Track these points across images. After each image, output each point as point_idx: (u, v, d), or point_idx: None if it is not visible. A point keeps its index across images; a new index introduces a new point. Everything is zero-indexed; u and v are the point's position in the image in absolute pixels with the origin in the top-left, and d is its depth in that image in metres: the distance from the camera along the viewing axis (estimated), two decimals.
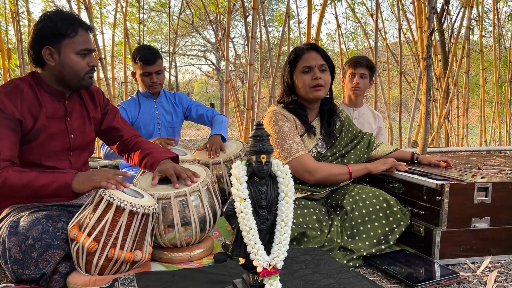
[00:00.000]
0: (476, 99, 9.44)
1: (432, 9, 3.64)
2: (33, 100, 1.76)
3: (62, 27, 1.72)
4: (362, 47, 10.41)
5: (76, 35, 1.75)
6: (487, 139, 7.25)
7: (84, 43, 1.77)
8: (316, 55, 2.17)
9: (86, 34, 1.79)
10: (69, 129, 1.86)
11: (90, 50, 1.80)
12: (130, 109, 2.84)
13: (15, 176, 1.59)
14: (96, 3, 5.99)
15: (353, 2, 7.21)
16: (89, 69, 1.81)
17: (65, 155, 1.87)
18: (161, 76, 2.84)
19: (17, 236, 1.53)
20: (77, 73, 1.78)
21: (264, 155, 1.23)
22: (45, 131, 1.77)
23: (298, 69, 2.18)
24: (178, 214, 1.79)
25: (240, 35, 16.58)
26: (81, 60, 1.78)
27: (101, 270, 1.55)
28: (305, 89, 2.16)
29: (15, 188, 1.59)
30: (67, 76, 1.78)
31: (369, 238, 1.92)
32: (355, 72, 3.03)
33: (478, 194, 1.88)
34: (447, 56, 7.95)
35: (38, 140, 1.75)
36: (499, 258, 1.92)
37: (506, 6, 8.45)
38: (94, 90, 2.02)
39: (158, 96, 2.94)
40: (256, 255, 1.20)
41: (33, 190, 1.60)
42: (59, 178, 1.62)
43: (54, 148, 1.81)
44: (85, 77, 1.80)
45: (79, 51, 1.76)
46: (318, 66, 2.15)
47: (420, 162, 2.45)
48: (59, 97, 1.83)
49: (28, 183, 1.59)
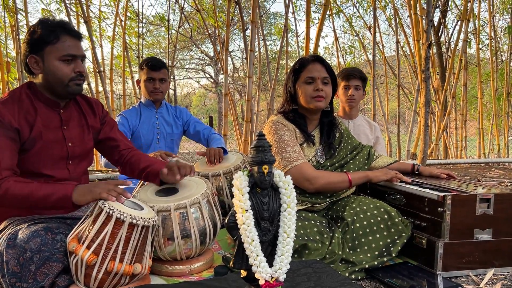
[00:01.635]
0: (474, 112, 9.48)
1: (430, 22, 3.67)
2: (30, 109, 1.75)
3: (44, 34, 1.71)
4: (359, 60, 10.48)
5: (58, 41, 1.72)
6: (485, 151, 7.26)
7: (67, 49, 1.74)
8: (321, 68, 2.19)
9: (71, 40, 1.76)
10: (67, 137, 1.84)
11: (74, 56, 1.76)
12: (131, 118, 2.87)
13: (16, 186, 1.58)
14: (95, 17, 6.02)
15: (351, 16, 7.27)
16: (75, 76, 1.76)
17: (63, 164, 1.85)
18: (164, 85, 2.90)
19: (15, 249, 1.50)
20: (61, 80, 1.74)
21: (266, 165, 1.23)
22: (41, 139, 1.75)
23: (302, 79, 2.20)
24: (178, 227, 1.77)
25: (238, 49, 16.71)
26: (65, 66, 1.74)
27: (100, 283, 1.53)
28: (306, 98, 2.18)
29: (16, 198, 1.58)
30: (53, 84, 1.75)
31: (370, 250, 1.90)
32: (349, 84, 3.03)
33: (480, 205, 1.86)
34: (444, 69, 8.02)
35: (34, 148, 1.74)
36: (503, 270, 1.90)
37: (502, 20, 8.55)
38: (93, 101, 2.01)
39: (160, 107, 2.97)
40: (258, 267, 1.19)
41: (34, 201, 1.59)
42: (59, 190, 1.60)
43: (51, 156, 1.79)
44: (69, 83, 1.76)
45: (62, 57, 1.73)
46: (321, 78, 2.16)
47: (421, 174, 2.44)
48: (53, 106, 1.81)
49: (29, 194, 1.58)
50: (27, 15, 5.06)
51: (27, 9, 5.04)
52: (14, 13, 4.81)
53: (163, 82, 2.88)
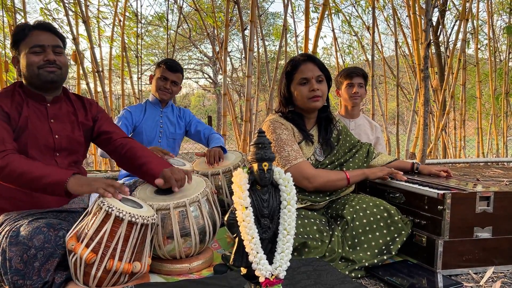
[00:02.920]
0: (472, 111, 9.48)
1: (429, 21, 3.67)
2: (20, 101, 1.83)
3: (16, 34, 1.84)
4: (358, 60, 10.48)
5: (27, 36, 1.82)
6: (484, 151, 7.26)
7: (34, 41, 1.82)
8: (313, 67, 2.18)
9: (38, 32, 1.84)
10: (53, 130, 1.89)
11: (42, 46, 1.82)
12: (135, 112, 2.89)
13: (20, 161, 1.63)
14: (94, 17, 6.00)
15: (349, 15, 7.27)
16: (43, 64, 1.81)
17: (50, 155, 1.88)
18: (175, 88, 2.95)
19: (18, 246, 1.50)
20: (31, 69, 1.82)
21: (266, 162, 1.22)
22: (27, 128, 1.80)
23: (296, 80, 2.19)
24: (178, 225, 1.77)
25: (237, 49, 16.70)
26: (34, 57, 1.81)
27: (99, 282, 1.52)
28: (303, 100, 2.18)
29: (14, 173, 1.61)
30: (27, 76, 1.84)
31: (370, 248, 1.90)
32: (352, 82, 3.05)
33: (480, 203, 1.86)
34: (443, 69, 8.02)
35: (21, 138, 1.79)
36: (502, 268, 1.90)
37: (501, 20, 8.55)
38: (87, 100, 2.07)
39: (166, 106, 3.00)
40: (258, 264, 1.19)
41: (28, 179, 1.61)
42: (55, 174, 1.63)
43: (38, 147, 1.84)
44: (40, 72, 1.81)
45: (30, 50, 1.81)
46: (315, 78, 2.16)
47: (420, 172, 2.44)
48: (40, 101, 1.88)
49: (26, 171, 1.61)
50: (25, 15, 5.05)
51: (25, 8, 5.03)
52: (13, 12, 4.80)
53: (174, 85, 2.93)
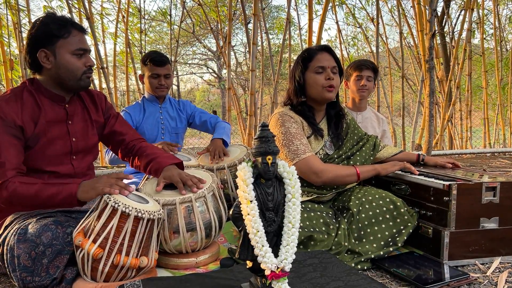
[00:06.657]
0: (478, 102, 9.42)
1: (434, 11, 3.64)
2: (33, 106, 1.75)
3: (55, 29, 1.72)
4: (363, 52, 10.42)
5: (69, 35, 1.75)
6: (491, 142, 7.22)
7: (78, 43, 1.77)
8: (329, 57, 2.17)
9: (80, 34, 1.79)
10: (71, 132, 1.85)
11: (86, 50, 1.80)
12: (134, 113, 2.86)
13: (22, 188, 1.60)
14: (98, 13, 6.01)
15: (353, 6, 7.22)
16: (86, 69, 1.80)
17: (67, 159, 1.85)
18: (169, 81, 2.89)
19: (26, 243, 1.51)
20: (74, 74, 1.77)
21: (270, 156, 1.23)
22: (44, 136, 1.76)
23: (311, 68, 2.15)
24: (184, 220, 1.78)
25: (241, 43, 16.64)
26: (77, 60, 1.77)
27: (107, 277, 1.54)
28: (317, 89, 2.14)
29: (24, 199, 1.61)
30: (64, 78, 1.77)
31: (376, 240, 1.90)
32: (361, 74, 3.04)
33: (486, 194, 1.86)
34: (448, 59, 7.94)
35: (38, 145, 1.75)
36: (509, 259, 1.89)
37: (506, 9, 8.47)
38: (95, 93, 2.02)
39: (163, 102, 2.96)
40: (264, 257, 1.19)
41: (41, 201, 1.62)
42: (64, 190, 1.61)
43: (55, 152, 1.80)
44: (82, 77, 1.79)
45: (74, 51, 1.76)
46: (331, 68, 2.14)
47: (426, 164, 2.43)
48: (59, 101, 1.83)
49: (36, 194, 1.60)
50: (29, 13, 5.06)
51: (29, 6, 5.04)
52: (17, 10, 4.82)
53: (167, 78, 2.87)
